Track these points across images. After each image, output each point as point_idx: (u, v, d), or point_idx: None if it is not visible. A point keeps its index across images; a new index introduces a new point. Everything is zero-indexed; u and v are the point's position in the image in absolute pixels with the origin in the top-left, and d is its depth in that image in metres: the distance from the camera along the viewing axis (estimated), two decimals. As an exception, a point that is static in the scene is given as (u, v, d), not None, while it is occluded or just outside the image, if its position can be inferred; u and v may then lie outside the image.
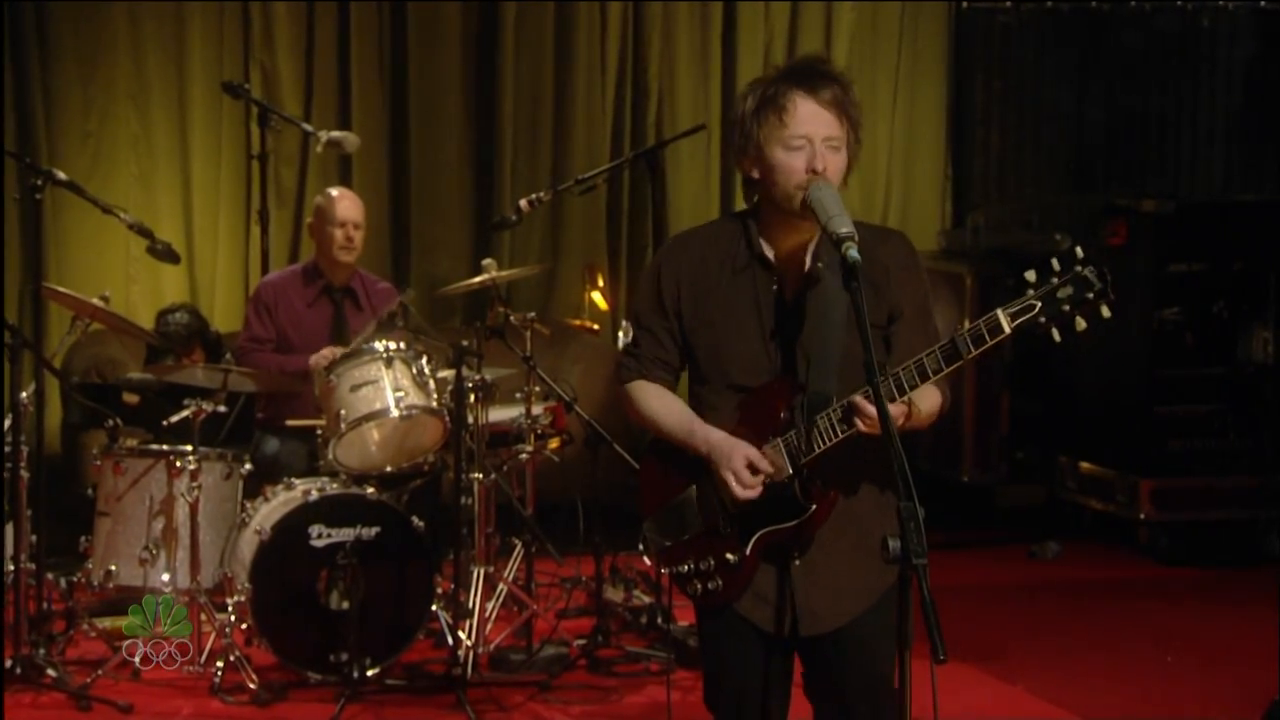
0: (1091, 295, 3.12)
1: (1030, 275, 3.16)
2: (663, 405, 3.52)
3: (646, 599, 6.40)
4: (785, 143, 3.32)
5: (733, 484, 3.35)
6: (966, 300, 8.11)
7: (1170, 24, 9.26)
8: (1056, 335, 3.15)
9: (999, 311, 3.15)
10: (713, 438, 3.39)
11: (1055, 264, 3.15)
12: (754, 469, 3.34)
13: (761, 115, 3.35)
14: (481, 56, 8.68)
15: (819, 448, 3.30)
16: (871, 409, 3.15)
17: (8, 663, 5.57)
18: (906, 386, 3.22)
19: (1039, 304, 3.13)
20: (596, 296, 8.45)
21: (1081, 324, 3.14)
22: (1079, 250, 3.15)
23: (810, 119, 3.32)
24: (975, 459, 8.24)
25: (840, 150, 3.34)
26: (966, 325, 3.18)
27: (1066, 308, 3.12)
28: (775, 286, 3.41)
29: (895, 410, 3.21)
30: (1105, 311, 3.13)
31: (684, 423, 3.46)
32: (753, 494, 3.35)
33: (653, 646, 6.03)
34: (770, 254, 3.42)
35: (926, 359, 3.20)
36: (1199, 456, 7.78)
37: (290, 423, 6.30)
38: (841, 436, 3.26)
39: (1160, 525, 7.71)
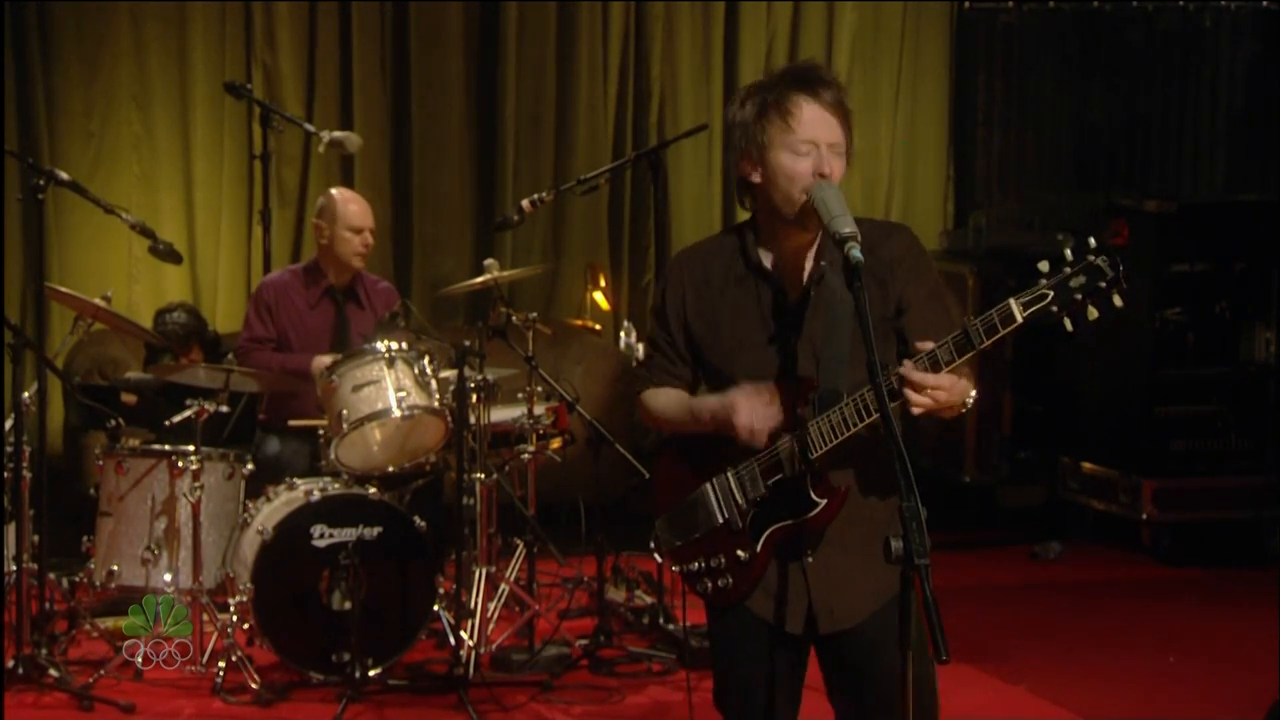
0: (1104, 284, 3.10)
1: (1043, 265, 3.14)
2: (666, 400, 3.55)
3: (648, 599, 6.40)
4: (792, 147, 3.33)
5: (754, 422, 3.32)
6: (969, 300, 8.11)
7: (1172, 24, 9.26)
8: (1069, 325, 3.13)
9: (1011, 300, 3.13)
10: (710, 405, 3.40)
11: (1068, 254, 3.13)
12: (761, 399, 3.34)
13: (766, 119, 3.35)
14: (483, 57, 8.68)
15: (832, 441, 3.30)
16: (918, 377, 3.15)
17: (10, 663, 5.58)
18: None
19: (1051, 293, 3.12)
20: (598, 296, 8.47)
21: (1094, 313, 3.11)
22: (1092, 240, 3.13)
23: (817, 123, 3.33)
24: (977, 459, 8.23)
25: (843, 156, 3.36)
26: (975, 316, 3.17)
27: (1079, 296, 3.10)
28: (776, 293, 3.41)
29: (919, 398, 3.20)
30: (1118, 300, 3.11)
31: (683, 407, 3.49)
32: (770, 420, 3.33)
33: (655, 647, 6.03)
34: (768, 262, 3.43)
35: (939, 350, 3.19)
36: (1201, 457, 7.77)
37: (292, 423, 6.31)
38: (857, 428, 3.26)
39: (1162, 525, 7.70)
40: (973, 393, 3.31)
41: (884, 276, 3.38)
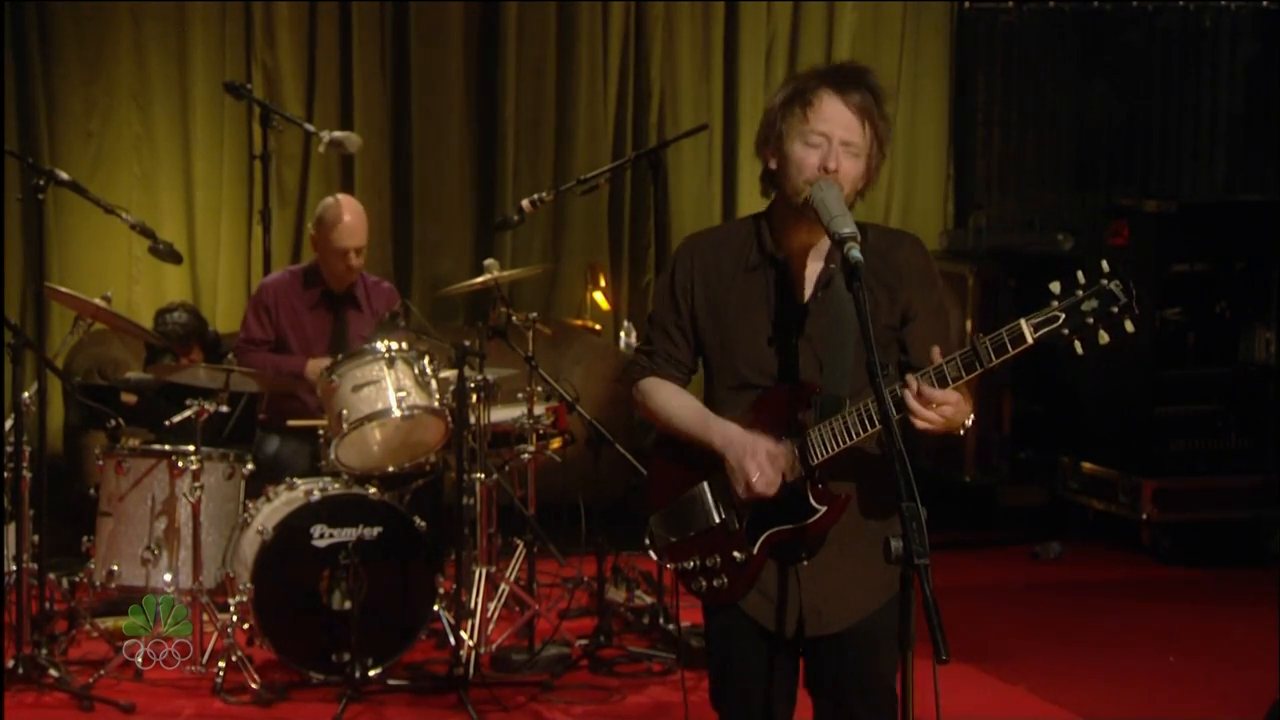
0: (1116, 309, 3.10)
1: (1055, 286, 3.13)
2: (676, 401, 3.51)
3: (648, 599, 6.40)
4: (804, 137, 3.33)
5: (754, 477, 3.32)
6: (969, 300, 8.11)
7: (1172, 24, 9.25)
8: (1079, 348, 3.13)
9: (1022, 321, 3.13)
10: (730, 432, 3.38)
11: (1080, 276, 3.12)
12: (773, 463, 3.33)
13: (788, 108, 3.37)
14: (483, 56, 8.68)
15: (833, 450, 3.29)
16: (927, 392, 3.14)
17: (10, 663, 5.57)
18: None
19: (1063, 315, 3.11)
20: (598, 296, 8.46)
21: (1105, 338, 3.11)
22: (1105, 264, 3.11)
23: (832, 118, 3.33)
24: (977, 459, 8.24)
25: (859, 158, 3.34)
26: (984, 333, 3.15)
27: (1090, 320, 3.10)
28: (786, 286, 3.40)
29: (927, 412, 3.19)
30: (1129, 326, 3.11)
31: (699, 418, 3.45)
32: (772, 489, 3.33)
33: (655, 647, 6.03)
34: (782, 254, 3.42)
35: (946, 365, 3.18)
36: (1201, 457, 7.77)
37: (292, 423, 6.31)
38: (859, 438, 3.26)
39: (1162, 525, 7.70)
40: (971, 416, 3.31)
41: (893, 285, 3.38)
